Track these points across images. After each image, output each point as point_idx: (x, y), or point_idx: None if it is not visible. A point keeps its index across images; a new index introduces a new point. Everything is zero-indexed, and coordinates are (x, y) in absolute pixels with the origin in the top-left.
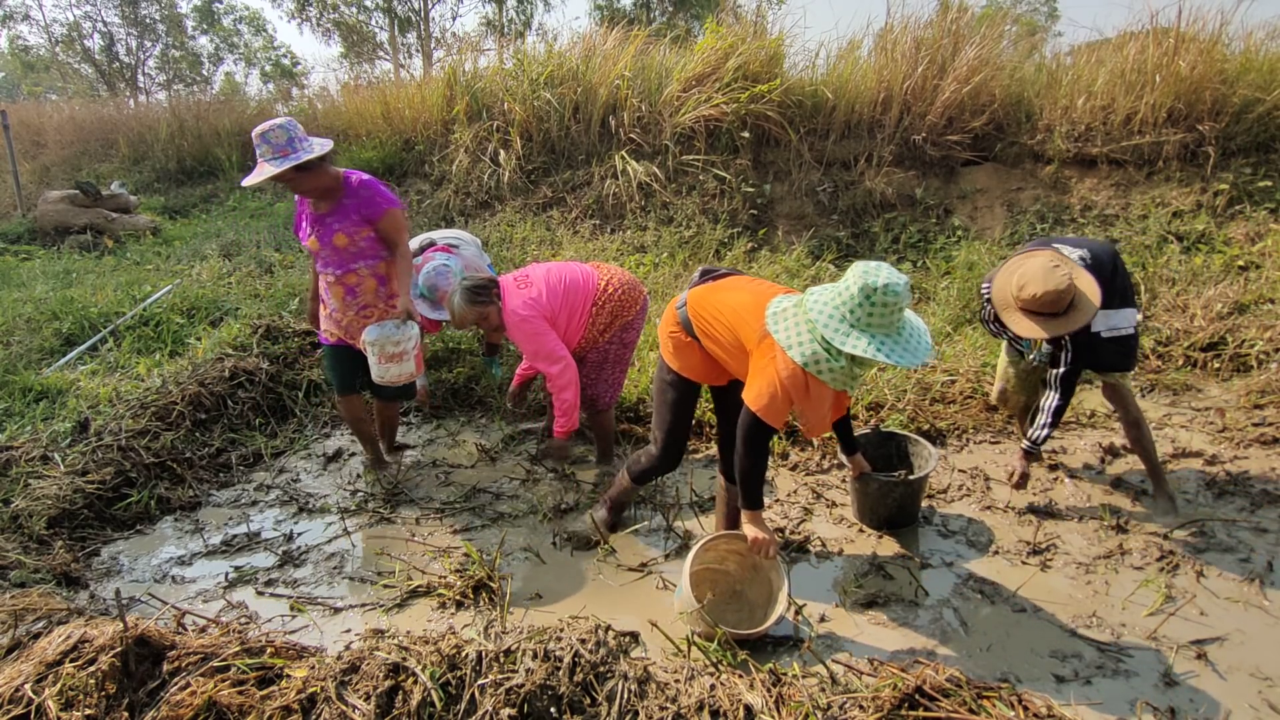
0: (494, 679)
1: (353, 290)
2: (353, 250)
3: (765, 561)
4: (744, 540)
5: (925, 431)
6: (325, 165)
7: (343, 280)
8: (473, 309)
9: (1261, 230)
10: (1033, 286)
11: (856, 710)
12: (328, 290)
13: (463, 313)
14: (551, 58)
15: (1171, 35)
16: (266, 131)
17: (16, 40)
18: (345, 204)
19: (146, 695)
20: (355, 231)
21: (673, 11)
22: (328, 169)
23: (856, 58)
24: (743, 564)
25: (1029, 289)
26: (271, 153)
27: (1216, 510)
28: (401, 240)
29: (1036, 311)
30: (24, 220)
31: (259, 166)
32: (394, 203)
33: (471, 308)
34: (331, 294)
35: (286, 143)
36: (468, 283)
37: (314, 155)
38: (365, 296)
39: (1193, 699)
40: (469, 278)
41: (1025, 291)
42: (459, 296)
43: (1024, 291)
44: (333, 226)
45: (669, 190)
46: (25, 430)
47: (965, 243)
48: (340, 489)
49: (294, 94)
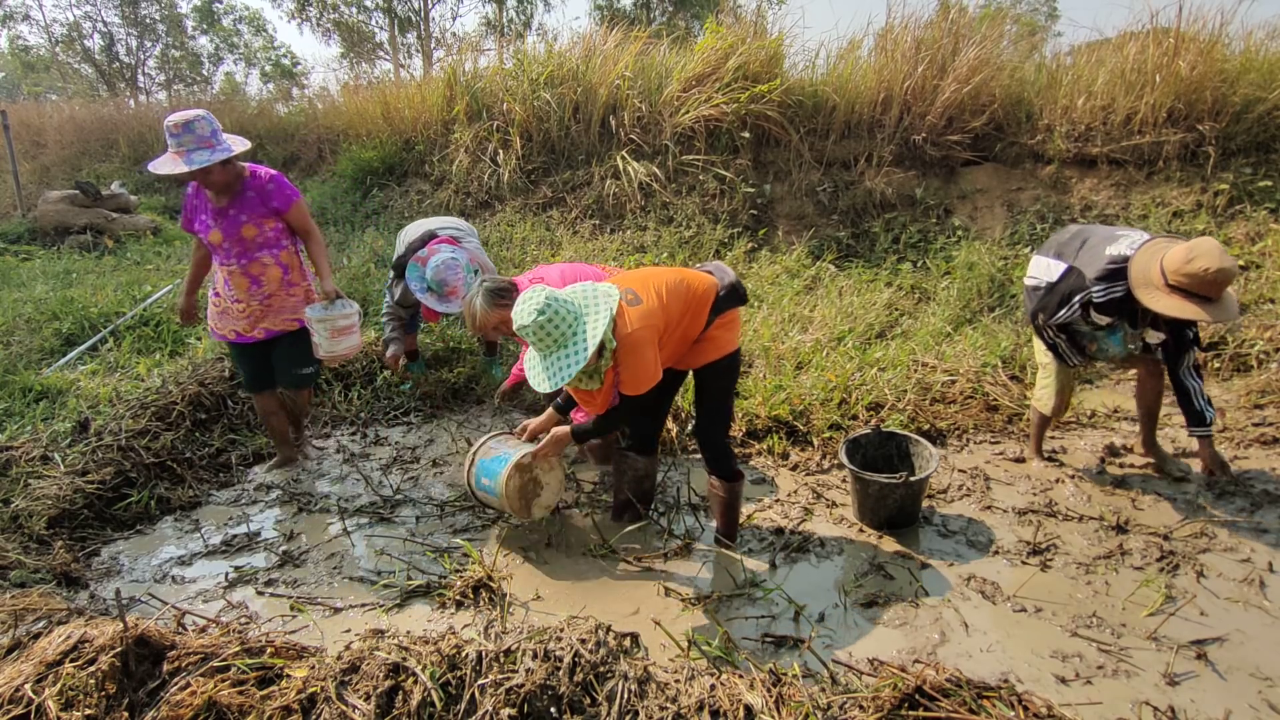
0: (494, 679)
1: (257, 280)
2: (259, 240)
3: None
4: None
5: (925, 431)
6: (234, 160)
7: (247, 270)
8: (495, 311)
9: (1261, 230)
10: (1205, 260)
11: (856, 710)
12: (229, 282)
13: (485, 316)
14: (551, 58)
15: (1171, 35)
16: (191, 122)
17: (16, 40)
18: (249, 197)
19: (146, 695)
20: (263, 223)
21: (673, 11)
22: (235, 164)
23: (856, 58)
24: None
25: (1200, 262)
26: (195, 143)
27: (1217, 510)
28: (313, 227)
29: (1192, 291)
30: (24, 220)
31: (181, 155)
32: (299, 194)
33: (494, 310)
34: (234, 285)
35: (211, 134)
36: (489, 285)
37: (242, 150)
38: (270, 285)
39: (1193, 699)
40: (489, 279)
41: (1195, 264)
42: (481, 300)
43: (1193, 264)
44: (239, 219)
45: (669, 190)
46: (25, 430)
47: (965, 243)
48: (340, 489)
49: (294, 94)
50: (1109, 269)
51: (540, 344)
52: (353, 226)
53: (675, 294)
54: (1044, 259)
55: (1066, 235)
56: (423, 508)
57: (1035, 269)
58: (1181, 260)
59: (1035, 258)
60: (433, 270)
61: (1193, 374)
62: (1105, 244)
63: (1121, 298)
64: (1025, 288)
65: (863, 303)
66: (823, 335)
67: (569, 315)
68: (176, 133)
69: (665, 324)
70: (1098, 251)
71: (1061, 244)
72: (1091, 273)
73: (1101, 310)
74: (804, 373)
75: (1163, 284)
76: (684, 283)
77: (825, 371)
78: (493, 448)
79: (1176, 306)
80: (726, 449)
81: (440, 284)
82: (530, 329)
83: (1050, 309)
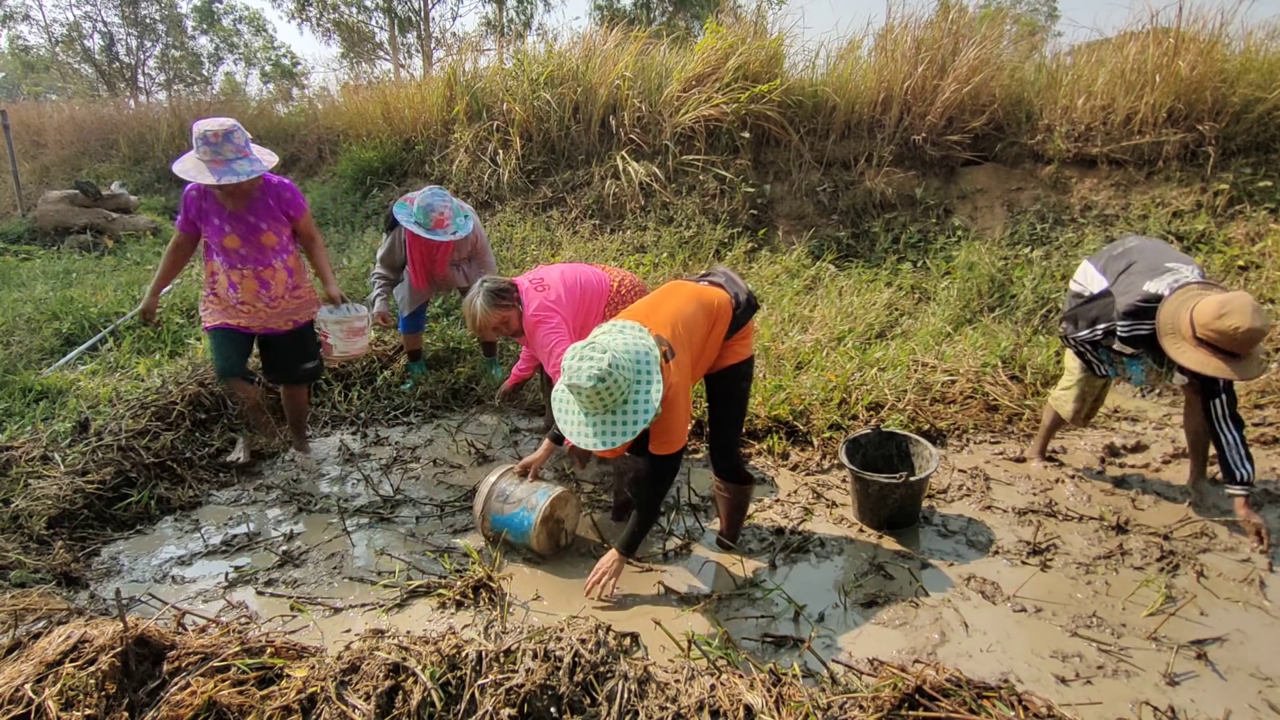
0: (494, 679)
1: (266, 284)
2: (276, 247)
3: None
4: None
5: (925, 431)
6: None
7: (259, 275)
8: (496, 312)
9: (1261, 230)
10: (1237, 318)
11: (856, 710)
12: (236, 285)
13: (485, 316)
14: (551, 58)
15: (1171, 35)
16: (231, 131)
17: (16, 40)
18: (266, 202)
19: (146, 695)
20: (281, 229)
21: (673, 11)
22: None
23: (856, 58)
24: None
25: (1231, 320)
26: (235, 152)
27: (1217, 510)
28: (318, 235)
29: (1220, 346)
30: (24, 220)
31: (221, 164)
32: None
33: (495, 310)
34: (242, 289)
35: (245, 143)
36: (490, 285)
37: (273, 164)
38: (277, 289)
39: (1193, 699)
40: (489, 279)
41: (1225, 321)
42: (481, 300)
43: (1223, 321)
44: (259, 226)
45: (669, 190)
46: (25, 430)
47: (965, 243)
48: (340, 489)
49: (294, 94)
50: (1140, 306)
51: (590, 406)
52: (353, 227)
53: (697, 329)
54: (1091, 268)
55: (1118, 250)
56: (423, 508)
57: (1081, 275)
58: (1212, 315)
59: (1085, 263)
60: (421, 199)
61: (1228, 423)
62: (1146, 278)
63: (1147, 336)
64: (1069, 291)
65: (863, 303)
66: (823, 335)
67: (625, 383)
68: (215, 141)
69: (692, 365)
70: (1136, 284)
71: (1111, 258)
72: (1122, 305)
73: (1126, 343)
74: (804, 373)
75: (1190, 335)
76: (701, 309)
77: (825, 371)
78: (507, 495)
79: (1199, 361)
80: (739, 453)
81: (427, 210)
82: (586, 393)
83: (1077, 326)
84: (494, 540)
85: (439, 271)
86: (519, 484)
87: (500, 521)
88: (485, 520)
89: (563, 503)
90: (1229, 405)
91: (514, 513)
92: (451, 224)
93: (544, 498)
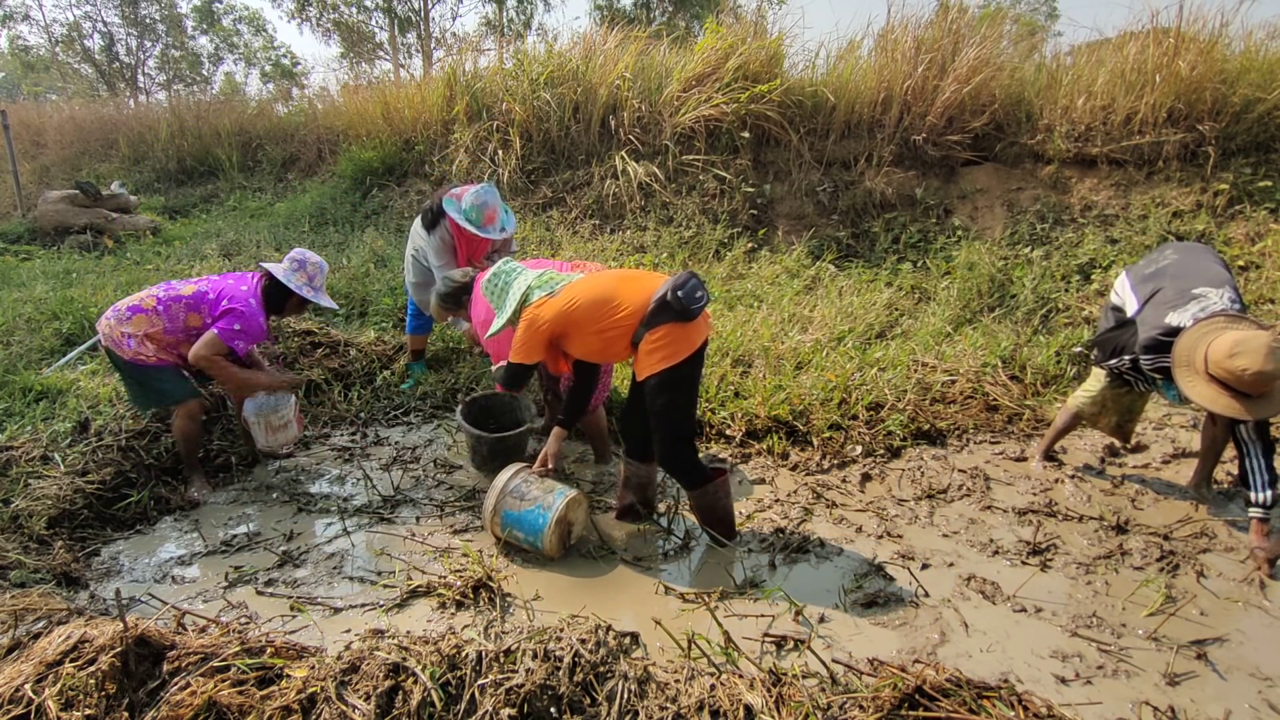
0: (494, 679)
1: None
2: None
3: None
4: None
5: (925, 431)
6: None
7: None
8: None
9: (1261, 230)
10: (1247, 360)
11: (856, 710)
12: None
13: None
14: (551, 58)
15: (1171, 35)
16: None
17: (16, 40)
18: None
19: (146, 695)
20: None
21: (673, 11)
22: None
23: (856, 58)
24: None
25: (1241, 361)
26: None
27: (1216, 510)
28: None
29: (1230, 385)
30: (24, 220)
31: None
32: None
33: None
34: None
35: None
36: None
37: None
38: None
39: (1193, 699)
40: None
41: (1236, 362)
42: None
43: (1234, 361)
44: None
45: (669, 190)
46: (25, 430)
47: (965, 243)
48: (340, 489)
49: (294, 94)
50: (1160, 340)
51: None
52: (352, 227)
53: (594, 304)
54: (1126, 283)
55: (1153, 268)
56: (423, 508)
57: (1119, 287)
58: (1224, 353)
59: (1122, 275)
60: (474, 195)
61: (1255, 444)
62: (1170, 308)
63: (1169, 368)
64: (1107, 304)
65: (862, 303)
66: (822, 335)
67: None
68: (314, 273)
69: (566, 325)
70: (1159, 314)
71: (1144, 276)
72: (1143, 338)
73: (1151, 372)
74: (804, 373)
75: (1203, 370)
76: (610, 300)
77: (825, 371)
78: (523, 493)
79: (1210, 397)
80: (678, 459)
81: (481, 207)
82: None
83: (1104, 350)
84: (501, 538)
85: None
86: (535, 482)
87: (512, 518)
88: (496, 517)
89: (576, 505)
90: (1256, 425)
91: (528, 510)
92: (499, 220)
93: (560, 498)
